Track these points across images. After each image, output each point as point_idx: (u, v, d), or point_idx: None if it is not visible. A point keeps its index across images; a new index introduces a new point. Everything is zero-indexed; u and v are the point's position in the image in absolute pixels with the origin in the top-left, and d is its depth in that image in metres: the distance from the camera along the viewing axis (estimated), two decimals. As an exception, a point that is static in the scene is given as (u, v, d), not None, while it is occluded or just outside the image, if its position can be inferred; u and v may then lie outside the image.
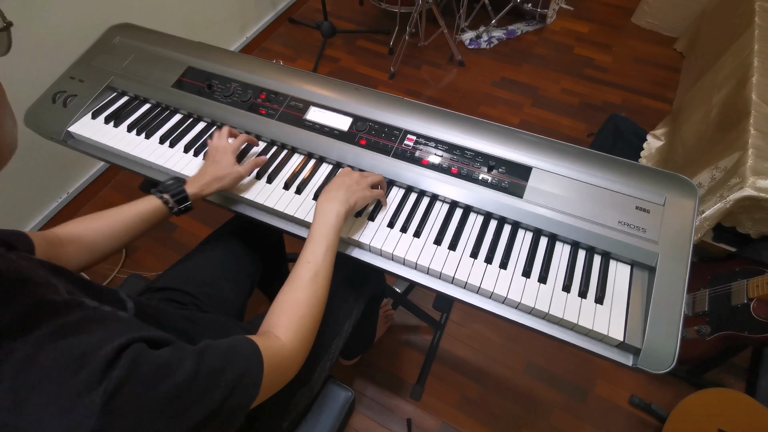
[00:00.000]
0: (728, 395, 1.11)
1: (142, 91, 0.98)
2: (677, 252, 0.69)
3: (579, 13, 2.50)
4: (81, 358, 0.33)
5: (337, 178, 0.73)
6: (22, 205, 1.57)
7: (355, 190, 0.71)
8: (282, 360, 0.51)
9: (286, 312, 0.56)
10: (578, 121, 2.01)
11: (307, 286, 0.58)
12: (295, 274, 0.60)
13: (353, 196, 0.70)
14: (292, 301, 0.57)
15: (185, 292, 0.82)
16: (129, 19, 1.11)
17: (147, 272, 1.59)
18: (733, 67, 1.38)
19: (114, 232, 0.68)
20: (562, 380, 1.34)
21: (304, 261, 0.61)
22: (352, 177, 0.73)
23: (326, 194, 0.70)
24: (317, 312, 0.58)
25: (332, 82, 0.94)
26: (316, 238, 0.63)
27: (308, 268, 0.60)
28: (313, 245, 0.62)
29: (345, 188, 0.70)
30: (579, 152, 0.80)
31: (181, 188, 0.73)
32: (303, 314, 0.56)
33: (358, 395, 1.33)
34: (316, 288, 0.59)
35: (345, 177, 0.73)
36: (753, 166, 1.03)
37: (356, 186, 0.72)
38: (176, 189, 0.73)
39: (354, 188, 0.71)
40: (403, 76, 2.24)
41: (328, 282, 0.61)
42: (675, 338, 0.63)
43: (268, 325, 0.56)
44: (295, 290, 0.58)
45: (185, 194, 0.73)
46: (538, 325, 0.69)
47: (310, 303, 0.57)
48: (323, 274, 0.60)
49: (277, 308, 0.57)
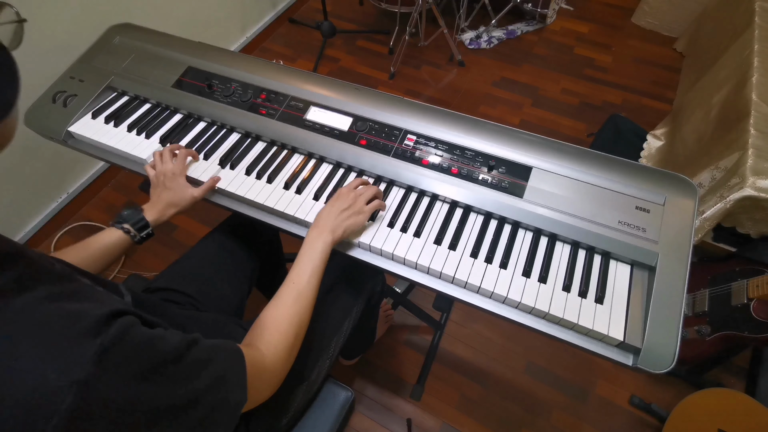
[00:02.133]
0: (728, 395, 1.11)
1: (142, 91, 0.98)
2: (677, 252, 0.69)
3: (579, 13, 2.50)
4: (77, 317, 0.35)
5: (330, 202, 0.73)
6: (22, 205, 1.57)
7: (345, 218, 0.71)
8: (261, 371, 0.52)
9: (268, 328, 0.58)
10: (578, 121, 2.01)
11: (290, 305, 0.61)
12: (279, 292, 0.62)
13: (343, 225, 0.71)
14: (274, 319, 0.59)
15: (182, 293, 0.82)
16: (129, 19, 1.11)
17: (147, 272, 1.59)
18: (733, 67, 1.38)
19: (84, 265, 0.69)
20: (562, 380, 1.34)
21: (290, 281, 0.63)
22: (345, 200, 0.73)
23: (317, 222, 0.71)
24: (298, 331, 0.60)
25: (332, 82, 0.94)
26: (302, 263, 0.65)
27: (292, 288, 0.62)
28: (298, 268, 0.65)
29: (333, 218, 0.71)
30: (579, 152, 0.80)
31: (141, 216, 0.76)
32: (284, 330, 0.58)
33: (358, 395, 1.33)
34: (298, 308, 0.61)
35: (337, 202, 0.73)
36: (753, 166, 1.03)
37: (347, 213, 0.72)
38: (136, 218, 0.76)
39: (344, 215, 0.71)
40: (403, 76, 2.24)
41: (310, 303, 0.63)
42: (675, 338, 0.63)
43: (252, 337, 0.57)
44: (278, 308, 0.60)
45: (145, 221, 0.76)
46: (538, 324, 0.69)
47: (291, 321, 0.59)
48: (306, 295, 0.62)
49: (259, 323, 0.59)
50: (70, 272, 0.42)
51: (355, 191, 0.75)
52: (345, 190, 0.75)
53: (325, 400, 0.82)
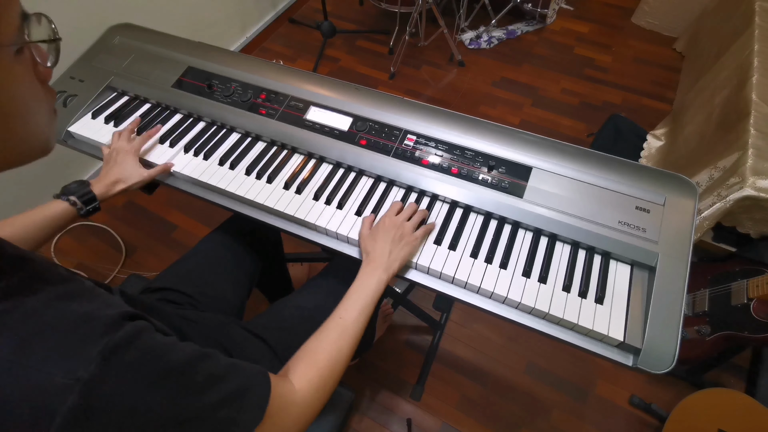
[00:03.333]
0: (728, 395, 1.11)
1: (142, 91, 0.98)
2: (677, 252, 0.69)
3: (579, 13, 2.50)
4: (88, 317, 0.35)
5: (380, 235, 0.70)
6: (22, 206, 1.56)
7: (398, 251, 0.69)
8: (289, 405, 0.48)
9: (305, 360, 0.55)
10: (578, 121, 2.01)
11: (333, 340, 0.58)
12: (325, 325, 0.60)
13: (398, 260, 0.69)
14: (314, 351, 0.57)
15: (182, 293, 0.82)
16: (129, 19, 1.11)
17: (147, 272, 1.59)
18: (733, 67, 1.38)
19: (26, 236, 0.69)
20: (562, 380, 1.34)
21: (337, 316, 0.61)
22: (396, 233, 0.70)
23: (371, 258, 0.68)
24: (337, 367, 0.57)
25: (332, 82, 0.94)
26: (353, 299, 0.64)
27: (338, 323, 0.60)
28: (348, 304, 0.63)
29: (389, 252, 0.69)
30: (579, 152, 0.80)
31: (88, 189, 0.76)
32: (322, 366, 0.55)
33: (358, 395, 1.33)
34: (341, 344, 0.59)
35: (388, 234, 0.70)
36: (753, 166, 1.03)
37: (400, 245, 0.70)
38: (82, 191, 0.75)
39: (398, 249, 0.69)
40: (403, 76, 2.24)
41: (356, 341, 0.61)
42: (675, 338, 0.63)
43: (288, 368, 0.55)
44: (320, 341, 0.58)
45: (92, 195, 0.76)
46: (538, 325, 0.69)
47: (331, 357, 0.57)
48: (351, 332, 0.60)
49: (299, 354, 0.56)
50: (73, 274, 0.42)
51: (402, 219, 0.73)
52: (391, 219, 0.72)
53: (325, 400, 0.82)
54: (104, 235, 1.68)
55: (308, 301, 0.86)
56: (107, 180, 0.79)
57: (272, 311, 0.85)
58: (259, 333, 0.77)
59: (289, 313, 0.84)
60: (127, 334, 0.35)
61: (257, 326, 0.79)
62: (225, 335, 0.74)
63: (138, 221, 1.74)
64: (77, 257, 1.62)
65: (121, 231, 1.70)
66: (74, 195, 0.74)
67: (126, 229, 1.71)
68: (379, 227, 0.72)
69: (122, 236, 1.68)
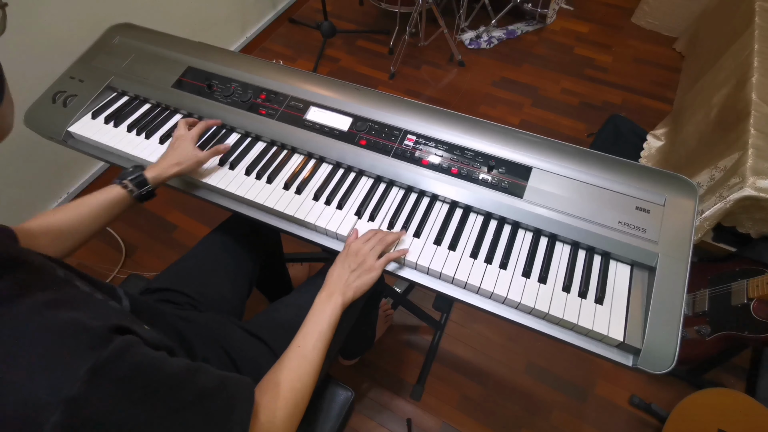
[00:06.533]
0: (728, 395, 1.11)
1: (142, 91, 0.98)
2: (677, 252, 0.69)
3: (579, 13, 2.50)
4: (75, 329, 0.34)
5: (338, 264, 0.71)
6: (22, 205, 1.57)
7: (355, 278, 0.69)
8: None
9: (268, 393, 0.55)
10: (578, 121, 2.01)
11: (293, 369, 0.59)
12: (284, 355, 0.60)
13: (352, 287, 0.69)
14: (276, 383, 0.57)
15: (181, 293, 0.82)
16: (129, 19, 1.11)
17: (147, 272, 1.59)
18: (733, 67, 1.38)
19: (83, 221, 0.69)
20: (562, 380, 1.34)
21: (295, 345, 0.61)
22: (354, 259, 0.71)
23: (327, 284, 0.69)
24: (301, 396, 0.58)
25: (332, 82, 0.94)
26: (310, 325, 0.64)
27: (296, 352, 0.60)
28: (305, 331, 0.63)
29: (345, 279, 0.69)
30: (579, 152, 0.80)
31: (141, 173, 0.76)
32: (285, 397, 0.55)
33: (358, 395, 1.33)
34: (301, 372, 0.59)
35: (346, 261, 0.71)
36: (753, 166, 1.03)
37: (358, 272, 0.70)
38: (136, 176, 0.75)
39: (354, 275, 0.70)
40: (403, 76, 2.24)
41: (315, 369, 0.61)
42: (675, 338, 0.63)
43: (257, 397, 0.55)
44: (281, 371, 0.58)
45: (144, 178, 0.75)
46: (538, 325, 0.69)
47: (293, 387, 0.57)
48: (310, 360, 0.60)
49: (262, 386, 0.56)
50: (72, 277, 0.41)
51: (366, 246, 0.72)
52: (355, 245, 0.73)
53: (325, 400, 0.82)
54: (104, 235, 1.68)
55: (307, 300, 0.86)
56: (163, 163, 0.79)
57: (271, 311, 0.85)
58: (257, 333, 0.77)
59: (288, 312, 0.84)
60: (115, 349, 0.34)
61: (256, 326, 0.79)
62: (224, 336, 0.74)
63: (138, 221, 1.74)
64: (77, 257, 1.62)
65: (120, 231, 1.70)
66: (128, 179, 0.74)
67: (126, 229, 1.71)
68: (341, 254, 0.73)
69: (122, 236, 1.68)
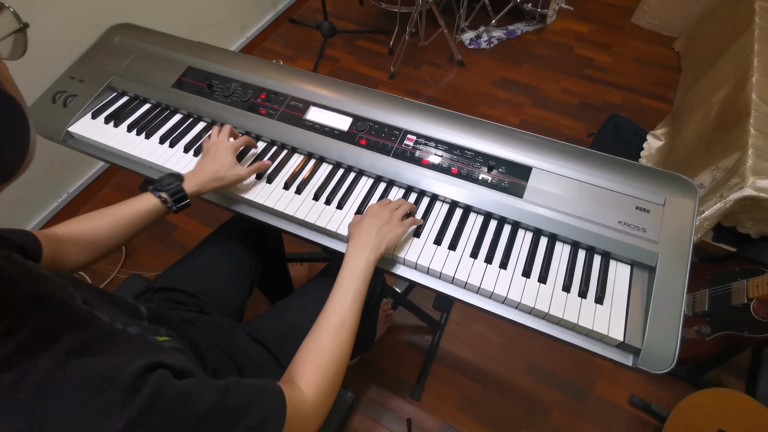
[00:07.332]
0: (728, 395, 1.11)
1: (142, 91, 0.98)
2: (677, 252, 0.69)
3: (579, 13, 2.50)
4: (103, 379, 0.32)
5: (366, 218, 0.69)
6: (22, 205, 1.57)
7: (386, 233, 0.68)
8: (301, 415, 0.47)
9: (311, 362, 0.53)
10: (578, 121, 2.01)
11: (333, 335, 0.56)
12: (320, 321, 0.58)
13: (384, 240, 0.67)
14: (317, 351, 0.55)
15: (185, 293, 0.82)
16: (129, 19, 1.11)
17: (147, 272, 1.59)
18: (733, 67, 1.38)
19: (114, 231, 0.67)
20: (562, 380, 1.34)
21: (330, 310, 0.59)
22: (382, 217, 0.70)
23: (356, 240, 0.66)
24: (341, 363, 0.56)
25: (332, 82, 0.94)
26: (344, 286, 0.61)
27: (334, 318, 0.58)
28: (340, 293, 0.60)
29: (375, 232, 0.67)
30: (579, 152, 0.80)
31: (180, 187, 0.72)
32: (327, 365, 0.54)
33: (358, 395, 1.33)
34: (341, 338, 0.57)
35: (374, 218, 0.69)
36: (753, 166, 1.03)
37: (387, 227, 0.68)
38: (174, 188, 0.71)
39: (384, 230, 0.68)
40: (403, 76, 2.24)
41: (354, 331, 0.59)
42: (675, 338, 0.63)
43: (292, 372, 0.54)
44: (320, 339, 0.56)
45: (184, 193, 0.72)
46: (538, 325, 0.69)
47: (334, 353, 0.55)
48: (349, 323, 0.58)
49: (302, 356, 0.55)
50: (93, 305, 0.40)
51: (389, 206, 0.72)
52: (377, 206, 0.72)
53: (325, 400, 0.82)
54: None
55: (309, 302, 0.86)
56: (203, 176, 0.74)
57: (273, 313, 0.85)
58: (260, 338, 0.77)
59: (290, 315, 0.84)
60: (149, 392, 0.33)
61: (259, 330, 0.79)
62: (230, 342, 0.73)
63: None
64: (77, 257, 1.61)
65: (121, 231, 1.70)
66: (166, 191, 0.70)
67: (126, 229, 1.71)
68: (366, 212, 0.72)
69: (122, 236, 1.68)
